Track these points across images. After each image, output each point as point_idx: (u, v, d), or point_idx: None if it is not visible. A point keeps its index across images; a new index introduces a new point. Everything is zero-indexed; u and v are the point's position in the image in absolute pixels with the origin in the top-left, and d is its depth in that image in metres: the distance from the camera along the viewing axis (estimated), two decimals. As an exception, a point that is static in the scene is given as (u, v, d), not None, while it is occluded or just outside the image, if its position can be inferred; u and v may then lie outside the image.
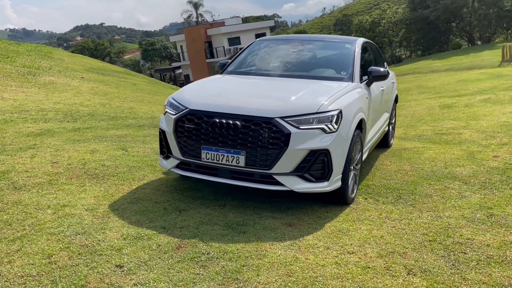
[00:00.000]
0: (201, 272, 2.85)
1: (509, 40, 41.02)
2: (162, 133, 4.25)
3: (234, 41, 49.18)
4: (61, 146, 5.87)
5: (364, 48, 5.33)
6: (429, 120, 10.27)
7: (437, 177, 5.06)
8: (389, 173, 5.28)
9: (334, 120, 3.75)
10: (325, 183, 3.77)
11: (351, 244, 3.29)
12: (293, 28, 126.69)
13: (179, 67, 56.24)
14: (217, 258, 3.03)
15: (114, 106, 10.14)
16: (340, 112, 3.82)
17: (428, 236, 3.45)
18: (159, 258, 3.02)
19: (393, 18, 48.78)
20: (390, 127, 6.80)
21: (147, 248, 3.15)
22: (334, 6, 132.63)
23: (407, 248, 3.23)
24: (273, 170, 3.69)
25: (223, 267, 2.92)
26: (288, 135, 3.61)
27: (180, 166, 4.10)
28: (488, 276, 2.89)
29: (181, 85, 45.02)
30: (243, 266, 2.93)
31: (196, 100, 4.05)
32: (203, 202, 4.17)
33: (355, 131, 4.05)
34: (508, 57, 25.89)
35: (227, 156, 3.77)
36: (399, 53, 57.92)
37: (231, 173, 3.85)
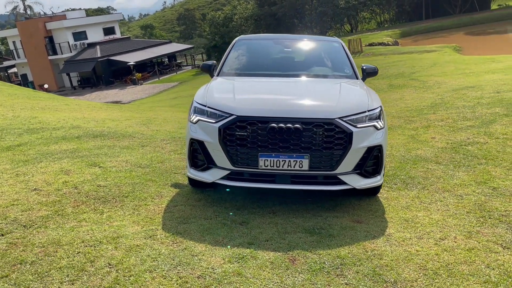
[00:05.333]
0: (344, 280, 2.81)
1: (342, 35, 46.56)
2: (198, 143, 3.91)
3: (79, 35, 45.36)
4: (16, 170, 4.89)
5: (343, 47, 5.64)
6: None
7: (412, 161, 5.65)
8: (372, 162, 5.71)
9: (381, 116, 3.97)
10: (378, 177, 3.97)
11: (432, 232, 3.55)
12: (135, 22, 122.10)
13: (13, 66, 49.62)
14: (341, 264, 3.00)
15: (10, 116, 8.65)
16: (381, 108, 4.06)
17: (475, 213, 3.91)
18: (288, 275, 2.86)
19: (244, 13, 50.91)
20: None
21: (264, 267, 2.95)
22: (174, 0, 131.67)
23: (474, 227, 3.63)
24: (337, 171, 3.74)
25: (358, 272, 2.91)
26: (350, 135, 3.70)
27: (229, 176, 3.84)
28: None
29: (19, 85, 39.55)
30: (375, 267, 2.96)
31: (241, 106, 3.82)
32: (252, 211, 3.99)
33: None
34: (353, 48, 29.58)
35: (289, 161, 3.69)
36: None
37: (290, 178, 3.77)
